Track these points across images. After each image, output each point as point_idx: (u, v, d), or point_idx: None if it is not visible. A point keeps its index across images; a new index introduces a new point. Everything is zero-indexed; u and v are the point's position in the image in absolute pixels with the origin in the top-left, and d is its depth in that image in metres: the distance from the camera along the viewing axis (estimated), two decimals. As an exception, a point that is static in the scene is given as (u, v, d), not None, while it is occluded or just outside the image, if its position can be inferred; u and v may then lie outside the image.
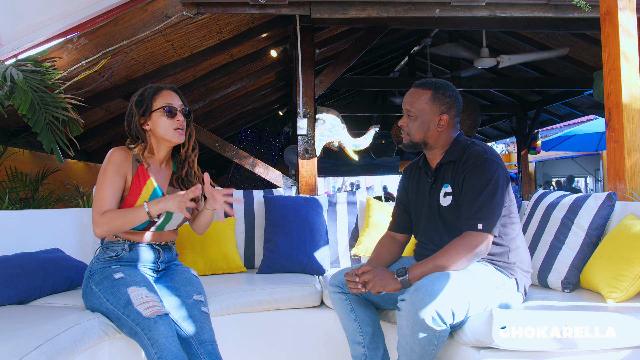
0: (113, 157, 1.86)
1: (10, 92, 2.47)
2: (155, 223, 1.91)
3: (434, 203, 1.84)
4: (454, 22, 3.87)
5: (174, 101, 1.92)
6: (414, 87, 1.86)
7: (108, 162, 1.86)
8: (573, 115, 8.51)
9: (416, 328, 1.50)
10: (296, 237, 2.64)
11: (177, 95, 1.95)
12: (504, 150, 14.48)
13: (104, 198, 1.81)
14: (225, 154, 4.13)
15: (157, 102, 1.90)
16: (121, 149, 1.90)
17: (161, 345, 1.59)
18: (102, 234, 1.80)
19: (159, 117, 1.89)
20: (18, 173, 3.53)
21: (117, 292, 1.73)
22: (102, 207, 1.80)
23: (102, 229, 1.78)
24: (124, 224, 1.79)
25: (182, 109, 1.93)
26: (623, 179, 2.27)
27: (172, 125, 1.89)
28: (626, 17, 2.32)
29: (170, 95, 1.93)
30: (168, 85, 1.96)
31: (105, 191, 1.82)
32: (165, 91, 1.93)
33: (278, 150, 9.54)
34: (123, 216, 1.78)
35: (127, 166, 1.88)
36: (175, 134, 1.90)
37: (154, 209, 1.78)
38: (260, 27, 4.07)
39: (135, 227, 1.88)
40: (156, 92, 1.91)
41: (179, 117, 1.90)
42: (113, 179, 1.84)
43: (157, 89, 1.93)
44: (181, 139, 1.93)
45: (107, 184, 1.82)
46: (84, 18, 2.80)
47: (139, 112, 1.89)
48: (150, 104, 1.89)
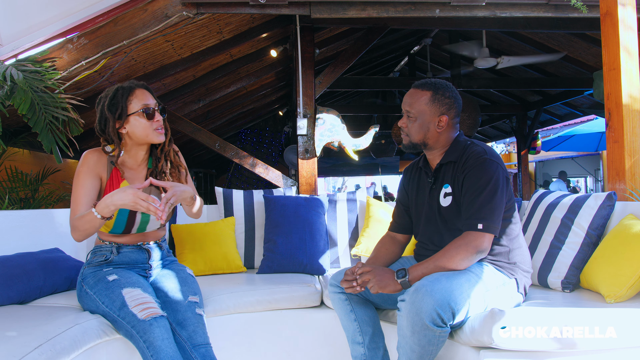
0: (86, 160, 1.82)
1: (10, 92, 2.47)
2: (134, 226, 1.87)
3: (434, 203, 1.84)
4: (454, 22, 3.87)
5: (148, 100, 1.85)
6: (413, 88, 1.85)
7: (81, 164, 1.82)
8: (573, 115, 8.50)
9: (416, 328, 1.50)
10: (296, 237, 2.64)
11: (149, 92, 1.88)
12: (504, 150, 14.48)
13: (77, 200, 1.77)
14: (225, 154, 4.13)
15: (133, 104, 1.83)
16: (95, 150, 1.86)
17: (157, 347, 1.57)
18: (78, 239, 1.74)
19: (137, 119, 1.83)
20: (18, 173, 3.53)
21: (112, 294, 1.72)
22: (75, 210, 1.77)
23: (75, 233, 1.73)
24: (87, 229, 1.69)
25: (157, 107, 1.87)
26: (623, 179, 2.27)
27: (151, 126, 1.84)
28: (626, 16, 2.32)
29: (144, 95, 1.85)
30: (139, 83, 1.89)
31: (78, 194, 1.78)
32: (137, 90, 1.85)
33: (278, 150, 9.54)
34: (82, 222, 1.68)
35: (102, 168, 1.84)
36: (156, 134, 1.85)
37: (104, 210, 1.63)
38: (260, 27, 4.07)
39: (115, 231, 1.86)
40: (129, 94, 1.83)
41: (157, 117, 1.85)
42: (86, 181, 1.80)
43: (129, 89, 1.84)
44: (162, 138, 1.88)
45: (80, 186, 1.79)
46: (84, 18, 2.79)
47: (114, 116, 1.81)
48: (126, 106, 1.82)
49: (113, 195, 1.62)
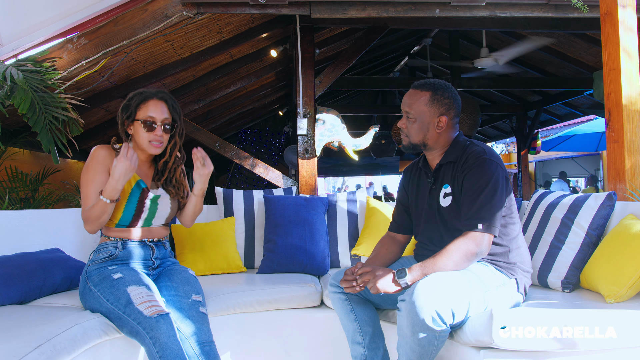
0: (95, 154, 1.89)
1: (10, 92, 2.47)
2: (142, 217, 1.92)
3: (434, 203, 1.84)
4: (454, 22, 3.87)
5: (158, 113, 1.90)
6: (412, 89, 1.85)
7: (91, 159, 1.89)
8: (573, 115, 8.50)
9: (416, 328, 1.50)
10: (296, 237, 2.64)
11: (165, 104, 1.93)
12: (504, 150, 14.48)
13: (87, 195, 1.84)
14: (225, 154, 4.13)
15: (141, 111, 1.90)
16: (104, 147, 1.93)
17: (163, 344, 1.59)
18: (92, 230, 1.84)
19: (139, 126, 1.90)
20: (18, 173, 3.53)
21: (117, 292, 1.73)
22: (86, 204, 1.84)
23: (88, 225, 1.83)
24: (99, 216, 1.80)
25: (163, 123, 1.91)
26: (623, 179, 2.27)
27: (148, 137, 1.90)
28: (626, 16, 2.32)
29: (156, 106, 1.91)
30: (159, 94, 1.93)
31: (88, 188, 1.85)
32: (152, 101, 1.91)
33: (278, 150, 9.54)
34: (93, 212, 1.80)
35: (110, 162, 1.89)
36: (150, 146, 1.92)
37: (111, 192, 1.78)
38: (260, 27, 4.07)
39: (122, 223, 1.91)
40: (142, 102, 1.91)
41: (157, 132, 1.90)
42: (96, 175, 1.86)
43: (144, 97, 1.91)
44: (157, 152, 1.94)
45: (90, 181, 1.86)
46: (84, 18, 2.79)
47: (123, 116, 1.92)
48: (135, 112, 1.91)
49: (113, 174, 1.76)
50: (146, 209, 1.92)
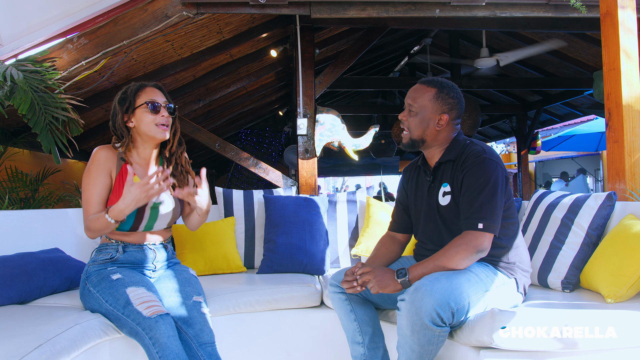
0: (96, 156, 1.85)
1: (10, 92, 2.47)
2: (142, 222, 1.89)
3: (433, 202, 1.84)
4: (454, 22, 3.88)
5: (157, 97, 1.90)
6: (419, 83, 1.86)
7: (91, 161, 1.85)
8: (573, 115, 8.50)
9: (416, 328, 1.50)
10: (296, 237, 2.64)
11: (160, 92, 1.94)
12: (504, 150, 14.48)
13: (89, 200, 1.81)
14: (225, 154, 4.13)
15: (141, 98, 1.88)
16: (105, 147, 1.89)
17: (163, 344, 1.58)
18: (92, 237, 1.82)
19: (142, 113, 1.87)
20: (18, 173, 3.53)
21: (116, 293, 1.72)
22: (88, 210, 1.80)
23: (89, 233, 1.81)
24: (102, 230, 1.77)
25: (166, 105, 1.91)
26: (623, 179, 2.27)
27: (155, 120, 1.87)
28: (626, 16, 2.32)
29: (154, 92, 1.91)
30: (151, 83, 1.94)
31: (89, 192, 1.82)
32: (148, 88, 1.91)
33: (278, 150, 9.54)
34: (96, 224, 1.76)
35: (111, 163, 1.86)
36: (158, 130, 1.88)
37: (118, 215, 1.72)
38: (260, 27, 4.07)
39: (122, 227, 1.88)
40: (139, 89, 1.90)
41: (163, 113, 1.89)
42: (97, 179, 1.83)
43: (140, 86, 1.91)
44: (165, 135, 1.90)
45: (91, 184, 1.82)
46: (84, 18, 2.80)
47: (122, 110, 1.88)
48: (134, 100, 1.88)
49: (124, 198, 1.70)
50: (146, 216, 1.89)
